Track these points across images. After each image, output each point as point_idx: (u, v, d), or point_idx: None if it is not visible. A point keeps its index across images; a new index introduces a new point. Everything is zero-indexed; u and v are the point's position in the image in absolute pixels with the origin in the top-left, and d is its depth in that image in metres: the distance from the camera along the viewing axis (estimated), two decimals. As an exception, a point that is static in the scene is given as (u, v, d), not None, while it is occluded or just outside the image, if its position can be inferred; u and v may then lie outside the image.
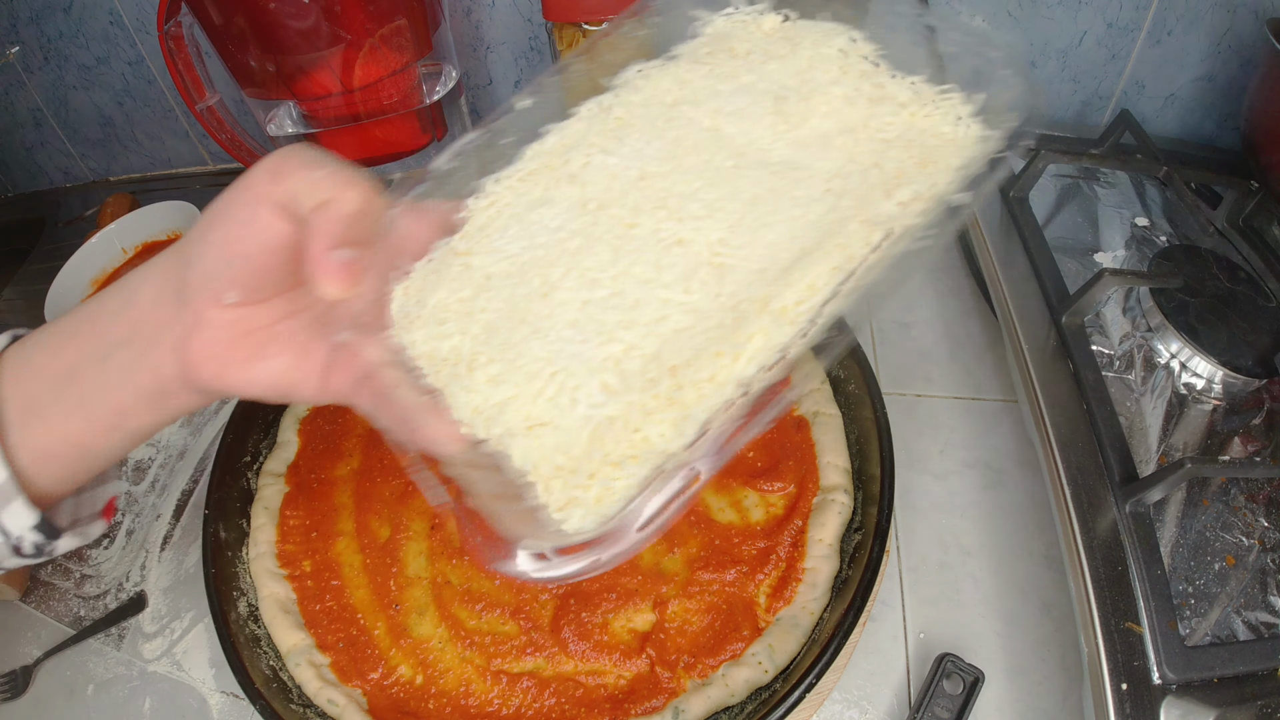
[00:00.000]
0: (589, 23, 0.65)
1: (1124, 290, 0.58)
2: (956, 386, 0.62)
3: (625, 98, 0.33)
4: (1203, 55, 0.71)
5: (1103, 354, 0.53)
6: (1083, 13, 0.70)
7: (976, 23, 0.72)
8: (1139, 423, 0.50)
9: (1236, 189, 0.65)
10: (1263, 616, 0.42)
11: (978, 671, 0.44)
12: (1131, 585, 0.42)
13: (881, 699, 0.47)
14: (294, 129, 0.67)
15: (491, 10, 0.76)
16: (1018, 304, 0.56)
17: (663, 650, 0.45)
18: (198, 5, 0.58)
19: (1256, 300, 0.57)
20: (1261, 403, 0.52)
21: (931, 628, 0.49)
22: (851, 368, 0.54)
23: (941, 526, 0.54)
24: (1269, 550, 0.45)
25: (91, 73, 0.84)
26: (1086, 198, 0.66)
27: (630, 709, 0.43)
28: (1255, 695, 0.39)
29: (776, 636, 0.45)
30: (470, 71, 0.82)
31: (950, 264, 0.72)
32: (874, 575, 0.44)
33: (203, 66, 0.65)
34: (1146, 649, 0.40)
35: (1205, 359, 0.53)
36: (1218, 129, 0.76)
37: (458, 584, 0.48)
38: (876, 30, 0.33)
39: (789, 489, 0.51)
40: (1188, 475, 0.43)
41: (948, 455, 0.58)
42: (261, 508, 0.52)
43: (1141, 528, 0.44)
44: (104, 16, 0.78)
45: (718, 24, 0.35)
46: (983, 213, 0.64)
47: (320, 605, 0.48)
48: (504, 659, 0.45)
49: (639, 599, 0.47)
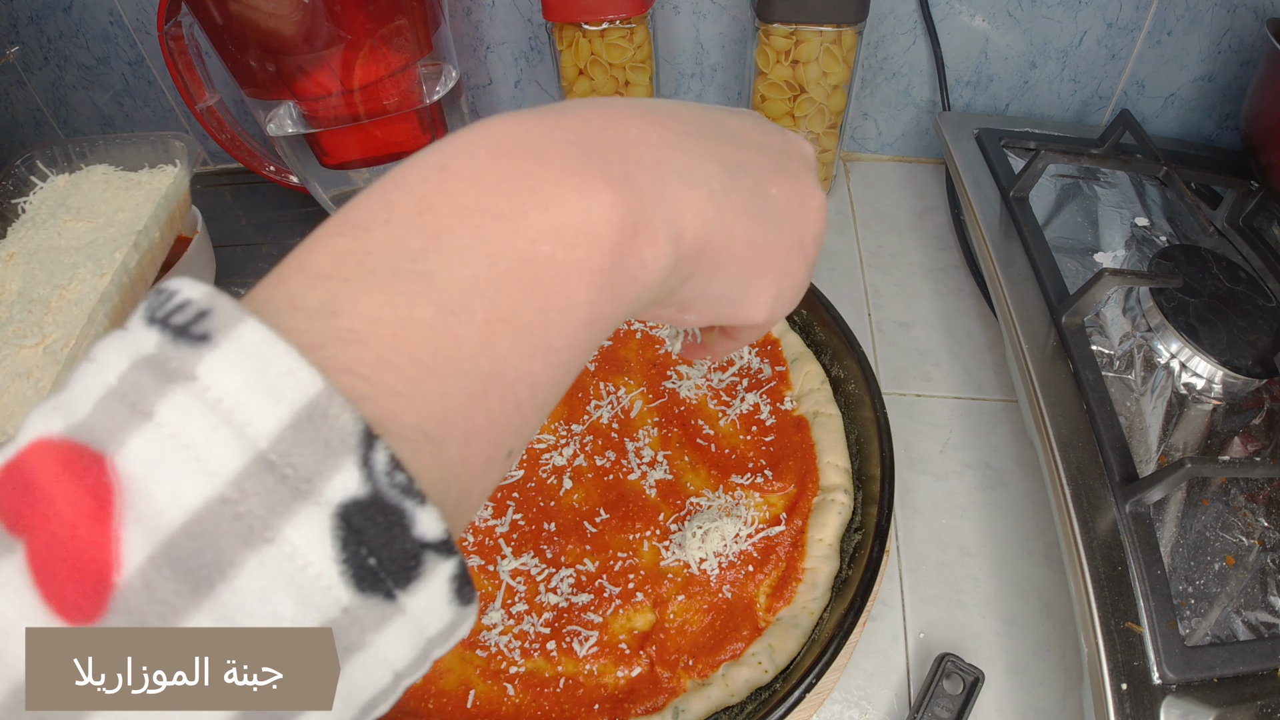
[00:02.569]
0: (589, 23, 0.65)
1: (1124, 290, 0.58)
2: (956, 386, 0.62)
3: None
4: (1203, 55, 0.71)
5: (1103, 354, 0.53)
6: (1083, 13, 0.70)
7: (977, 22, 0.73)
8: (1139, 423, 0.50)
9: (1236, 189, 0.65)
10: (1263, 616, 0.42)
11: (978, 671, 0.44)
12: (1131, 585, 0.42)
13: (881, 699, 0.47)
14: (294, 129, 0.67)
15: (491, 10, 0.76)
16: (1018, 304, 0.56)
17: (663, 650, 0.45)
18: (198, 5, 0.58)
19: (1256, 300, 0.57)
20: (1261, 403, 0.52)
21: (931, 628, 0.49)
22: (851, 368, 0.54)
23: (941, 526, 0.54)
24: (1269, 550, 0.45)
25: (91, 73, 0.84)
26: (1086, 198, 0.66)
27: (630, 709, 0.43)
28: (1255, 695, 0.39)
29: (776, 636, 0.45)
30: (470, 71, 0.82)
31: (950, 264, 0.72)
32: (874, 575, 0.44)
33: (203, 66, 0.65)
34: (1146, 649, 0.40)
35: (1205, 359, 0.53)
36: (1218, 129, 0.76)
37: (458, 584, 0.48)
38: None
39: (789, 489, 0.51)
40: (1188, 475, 0.43)
41: (948, 455, 0.58)
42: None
43: (1141, 528, 0.44)
44: (104, 16, 0.78)
45: None
46: (983, 213, 0.64)
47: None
48: (504, 659, 0.45)
49: (639, 599, 0.47)
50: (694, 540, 0.48)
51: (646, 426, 0.55)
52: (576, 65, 0.69)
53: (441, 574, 0.16)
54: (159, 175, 0.70)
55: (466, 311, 0.16)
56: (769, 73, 0.68)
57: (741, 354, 0.59)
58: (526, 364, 0.17)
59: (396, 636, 0.16)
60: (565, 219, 0.18)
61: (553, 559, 0.49)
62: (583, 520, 0.50)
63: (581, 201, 0.18)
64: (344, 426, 0.14)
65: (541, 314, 0.17)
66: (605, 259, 0.18)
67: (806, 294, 0.58)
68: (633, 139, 0.20)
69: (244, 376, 0.14)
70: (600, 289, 0.18)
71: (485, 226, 0.17)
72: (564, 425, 0.56)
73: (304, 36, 0.58)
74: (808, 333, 0.60)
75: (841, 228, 0.76)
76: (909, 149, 0.84)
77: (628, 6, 0.64)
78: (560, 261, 0.18)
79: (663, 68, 0.79)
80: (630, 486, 0.52)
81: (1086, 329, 0.54)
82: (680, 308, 0.24)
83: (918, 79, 0.77)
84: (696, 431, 0.55)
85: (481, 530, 0.50)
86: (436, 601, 0.16)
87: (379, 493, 0.14)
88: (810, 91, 0.68)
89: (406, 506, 0.15)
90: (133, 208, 0.67)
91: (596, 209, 0.18)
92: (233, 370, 0.14)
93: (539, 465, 0.53)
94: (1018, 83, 0.76)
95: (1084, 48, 0.73)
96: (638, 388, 0.58)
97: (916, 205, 0.79)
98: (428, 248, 0.17)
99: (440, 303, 0.16)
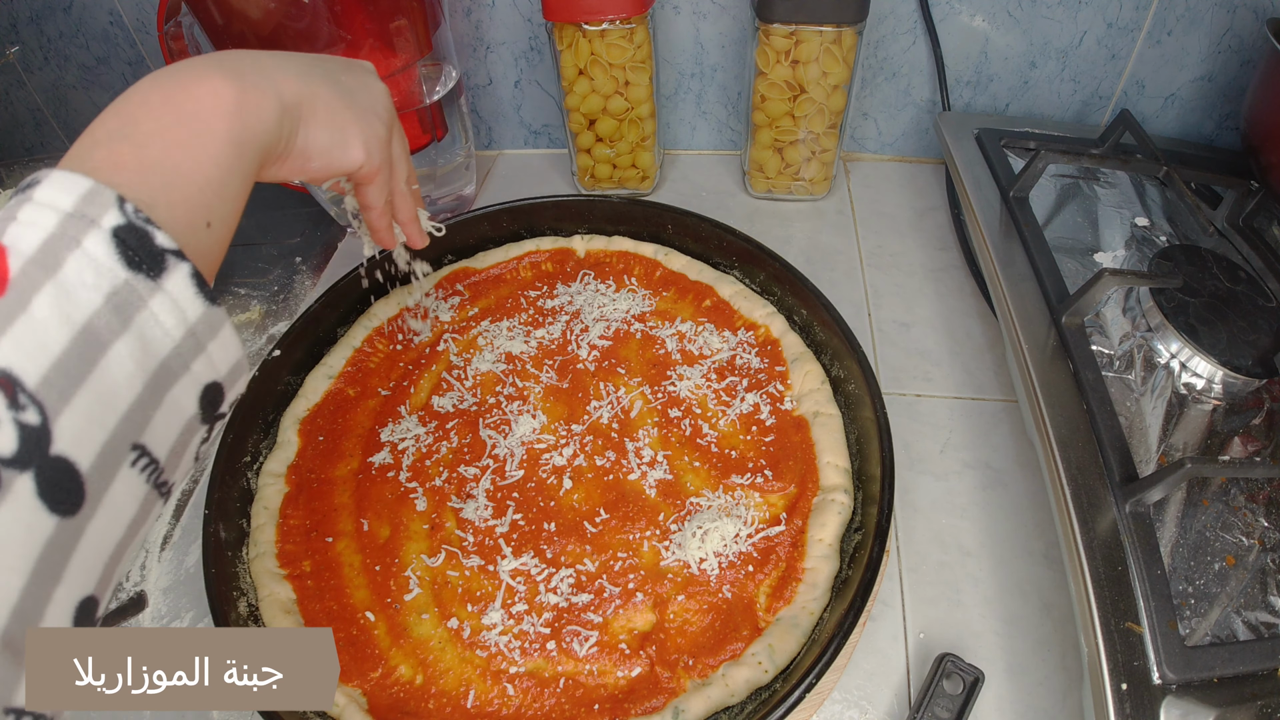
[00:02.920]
0: (589, 23, 0.65)
1: (1124, 290, 0.58)
2: (956, 386, 0.62)
3: None
4: (1203, 55, 0.71)
5: (1103, 354, 0.53)
6: (1083, 13, 0.70)
7: (977, 22, 0.73)
8: (1139, 423, 0.50)
9: (1236, 189, 0.65)
10: (1263, 616, 0.42)
11: (978, 671, 0.44)
12: (1131, 585, 0.42)
13: (881, 699, 0.47)
14: (294, 129, 0.66)
15: (491, 10, 0.76)
16: (1018, 304, 0.56)
17: (663, 650, 0.45)
18: (198, 5, 0.58)
19: (1256, 300, 0.57)
20: (1261, 403, 0.52)
21: (931, 628, 0.49)
22: (851, 368, 0.54)
23: (941, 526, 0.54)
24: (1269, 550, 0.45)
25: (91, 73, 0.84)
26: (1086, 198, 0.66)
27: (630, 709, 0.43)
28: (1255, 695, 0.39)
29: (776, 636, 0.45)
30: (470, 71, 0.82)
31: (950, 264, 0.72)
32: (874, 575, 0.44)
33: (203, 66, 0.65)
34: (1146, 649, 0.40)
35: (1205, 359, 0.53)
36: (1218, 129, 0.76)
37: (457, 584, 0.48)
38: None
39: (789, 489, 0.51)
40: (1188, 475, 0.43)
41: (948, 455, 0.58)
42: (261, 507, 0.52)
43: (1141, 528, 0.44)
44: (104, 16, 0.78)
45: None
46: (983, 213, 0.64)
47: (320, 605, 0.48)
48: (504, 659, 0.45)
49: (639, 599, 0.47)
50: (694, 540, 0.48)
51: (646, 426, 0.55)
52: (576, 65, 0.69)
53: (182, 270, 0.28)
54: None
55: (150, 144, 0.29)
56: (769, 73, 0.68)
57: (742, 354, 0.59)
58: (198, 167, 0.30)
59: (162, 305, 0.27)
60: (195, 91, 0.31)
61: (553, 559, 0.49)
62: (583, 520, 0.50)
63: (206, 84, 0.32)
64: (107, 196, 0.26)
65: (199, 137, 0.31)
66: (230, 104, 0.32)
67: (806, 294, 0.59)
68: (235, 58, 0.34)
69: (54, 189, 0.26)
70: (231, 122, 0.32)
71: (149, 105, 0.31)
72: (564, 425, 0.56)
73: (304, 36, 0.58)
74: (808, 333, 0.60)
75: (841, 228, 0.76)
76: (909, 149, 0.84)
77: (628, 6, 0.64)
78: (198, 112, 0.31)
79: (663, 68, 0.79)
80: (630, 486, 0.52)
81: (1086, 329, 0.54)
82: (303, 156, 0.38)
83: (918, 79, 0.77)
84: (696, 431, 0.55)
85: (481, 530, 0.50)
86: (184, 289, 0.28)
87: (131, 221, 0.27)
88: (810, 91, 0.68)
89: (148, 230, 0.27)
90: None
91: (216, 83, 0.32)
92: (48, 189, 0.26)
93: (539, 465, 0.53)
94: (1018, 83, 0.76)
95: (1084, 48, 0.73)
96: (638, 388, 0.58)
97: (916, 205, 0.79)
98: (122, 126, 0.30)
99: (135, 143, 0.29)
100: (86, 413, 0.25)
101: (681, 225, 0.66)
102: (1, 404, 0.23)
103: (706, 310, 0.62)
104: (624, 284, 0.65)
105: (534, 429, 0.55)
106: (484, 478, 0.53)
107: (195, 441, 0.31)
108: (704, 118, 0.84)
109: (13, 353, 0.23)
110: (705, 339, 0.60)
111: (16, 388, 0.23)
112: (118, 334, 0.26)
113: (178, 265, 0.27)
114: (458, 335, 0.62)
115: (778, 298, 0.63)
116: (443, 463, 0.54)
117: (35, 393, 0.23)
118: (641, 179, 0.79)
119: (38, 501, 0.23)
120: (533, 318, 0.63)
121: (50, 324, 0.24)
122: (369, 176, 0.43)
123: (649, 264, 0.66)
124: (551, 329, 0.62)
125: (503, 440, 0.55)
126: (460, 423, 0.56)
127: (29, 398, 0.23)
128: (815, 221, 0.77)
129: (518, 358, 0.60)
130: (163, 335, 0.27)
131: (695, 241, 0.66)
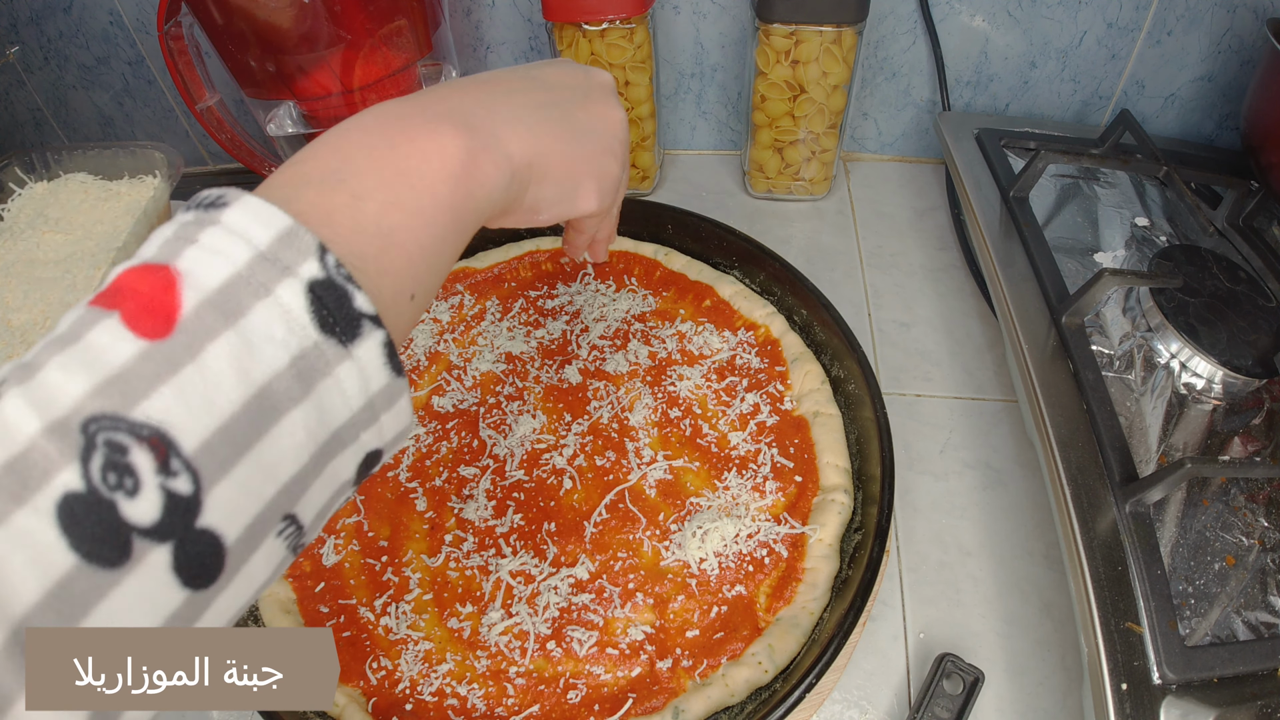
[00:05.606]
0: (589, 23, 0.65)
1: (1124, 290, 0.58)
2: (956, 386, 0.62)
3: None
4: (1203, 55, 0.71)
5: (1103, 354, 0.53)
6: (1083, 13, 0.70)
7: (977, 22, 0.73)
8: (1139, 423, 0.50)
9: (1236, 189, 0.65)
10: (1263, 616, 0.42)
11: (978, 671, 0.44)
12: (1131, 585, 0.42)
13: (881, 699, 0.47)
14: (294, 129, 0.67)
15: (491, 10, 0.76)
16: (1018, 304, 0.56)
17: (663, 650, 0.45)
18: (198, 5, 0.58)
19: (1256, 300, 0.57)
20: (1261, 403, 0.52)
21: (931, 628, 0.49)
22: (851, 368, 0.54)
23: (941, 526, 0.54)
24: (1269, 550, 0.45)
25: (91, 73, 0.84)
26: (1086, 198, 0.66)
27: (630, 709, 0.43)
28: (1255, 695, 0.39)
29: (776, 636, 0.45)
30: (470, 71, 0.82)
31: (950, 264, 0.72)
32: (874, 575, 0.44)
33: (203, 66, 0.65)
34: (1146, 649, 0.40)
35: (1205, 359, 0.53)
36: (1218, 129, 0.76)
37: (457, 584, 0.48)
38: None
39: (789, 489, 0.51)
40: (1188, 475, 0.43)
41: (948, 455, 0.58)
42: (261, 508, 0.52)
43: (1141, 528, 0.44)
44: (104, 16, 0.78)
45: None
46: (983, 213, 0.64)
47: (320, 605, 0.48)
48: (504, 659, 0.45)
49: (639, 599, 0.47)
50: (694, 540, 0.48)
51: (646, 426, 0.55)
52: (576, 65, 0.69)
53: (376, 338, 0.24)
54: (138, 186, 0.70)
55: (370, 199, 0.26)
56: (769, 73, 0.68)
57: (741, 354, 0.59)
58: (412, 234, 0.27)
59: (349, 375, 0.24)
60: (424, 147, 0.28)
61: (553, 559, 0.49)
62: (583, 520, 0.50)
63: (435, 137, 0.29)
64: (308, 242, 0.23)
65: (420, 198, 0.27)
66: (457, 168, 0.29)
67: (806, 294, 0.59)
68: (470, 102, 0.31)
69: (249, 218, 0.23)
70: (456, 188, 0.28)
71: (373, 151, 0.27)
72: (564, 425, 0.56)
73: (304, 36, 0.58)
74: (808, 333, 0.60)
75: (841, 228, 0.76)
76: (909, 149, 0.84)
77: (628, 6, 0.64)
78: (425, 172, 0.28)
79: (663, 68, 0.79)
80: (630, 487, 0.52)
81: (1086, 329, 0.54)
82: (532, 211, 0.35)
83: (918, 79, 0.77)
84: (696, 431, 0.55)
85: (481, 530, 0.50)
86: (374, 358, 0.24)
87: (330, 277, 0.23)
88: (810, 91, 0.68)
89: (349, 289, 0.24)
90: (111, 220, 0.67)
91: (445, 140, 0.29)
92: (242, 216, 0.23)
93: (539, 465, 0.53)
94: (1018, 83, 0.76)
95: (1084, 48, 0.73)
96: (638, 388, 0.58)
97: (916, 205, 0.79)
98: (340, 168, 0.27)
99: (351, 193, 0.26)
100: (244, 484, 0.21)
101: (681, 225, 0.66)
102: (149, 467, 0.20)
103: (706, 310, 0.62)
104: (624, 284, 0.65)
105: (534, 429, 0.55)
106: (484, 478, 0.53)
107: (341, 502, 0.27)
108: (704, 118, 0.83)
109: (174, 408, 0.20)
110: (705, 339, 0.60)
111: (171, 451, 0.20)
112: (297, 402, 0.22)
113: (373, 333, 0.24)
114: (458, 335, 0.62)
115: (778, 298, 0.63)
116: (443, 463, 0.54)
117: (192, 459, 0.20)
118: (641, 179, 0.79)
119: (171, 576, 0.20)
120: (533, 318, 0.63)
121: (225, 381, 0.21)
122: (597, 219, 0.41)
123: (649, 264, 0.66)
124: (551, 329, 0.62)
125: (503, 440, 0.55)
126: (460, 423, 0.56)
127: (183, 464, 0.20)
128: (815, 221, 0.77)
129: (518, 358, 0.60)
130: (341, 405, 0.24)
131: (695, 241, 0.66)
